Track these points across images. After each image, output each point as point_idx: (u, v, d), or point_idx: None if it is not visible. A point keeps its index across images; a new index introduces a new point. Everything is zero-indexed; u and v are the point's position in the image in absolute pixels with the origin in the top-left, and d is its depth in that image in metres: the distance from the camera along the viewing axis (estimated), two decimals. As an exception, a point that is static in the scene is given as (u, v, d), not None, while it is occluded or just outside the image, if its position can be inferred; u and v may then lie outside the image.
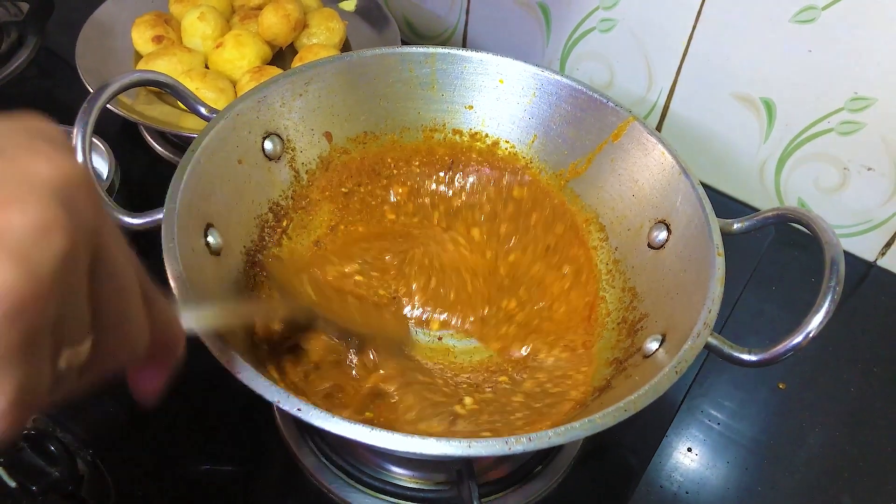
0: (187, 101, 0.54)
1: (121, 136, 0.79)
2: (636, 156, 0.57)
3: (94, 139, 0.65)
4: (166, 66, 0.73)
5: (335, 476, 0.53)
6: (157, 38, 0.77)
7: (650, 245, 0.55)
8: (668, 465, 0.57)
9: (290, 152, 0.58)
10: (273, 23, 0.78)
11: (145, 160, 0.77)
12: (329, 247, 0.60)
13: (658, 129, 0.80)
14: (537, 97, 0.61)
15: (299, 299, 0.52)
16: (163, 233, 0.43)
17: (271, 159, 0.57)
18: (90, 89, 0.70)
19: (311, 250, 0.60)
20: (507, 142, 0.64)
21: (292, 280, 0.53)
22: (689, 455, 0.58)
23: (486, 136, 0.64)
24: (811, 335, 0.42)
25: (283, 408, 0.37)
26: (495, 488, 0.53)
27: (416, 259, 0.60)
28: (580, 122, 0.60)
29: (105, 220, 0.23)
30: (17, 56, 0.87)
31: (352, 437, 0.36)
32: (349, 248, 0.60)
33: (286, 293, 0.53)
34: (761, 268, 0.73)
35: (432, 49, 0.61)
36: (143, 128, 0.79)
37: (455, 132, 0.64)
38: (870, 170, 0.69)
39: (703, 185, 0.52)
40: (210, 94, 0.70)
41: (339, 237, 0.61)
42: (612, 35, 0.78)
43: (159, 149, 0.78)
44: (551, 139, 0.62)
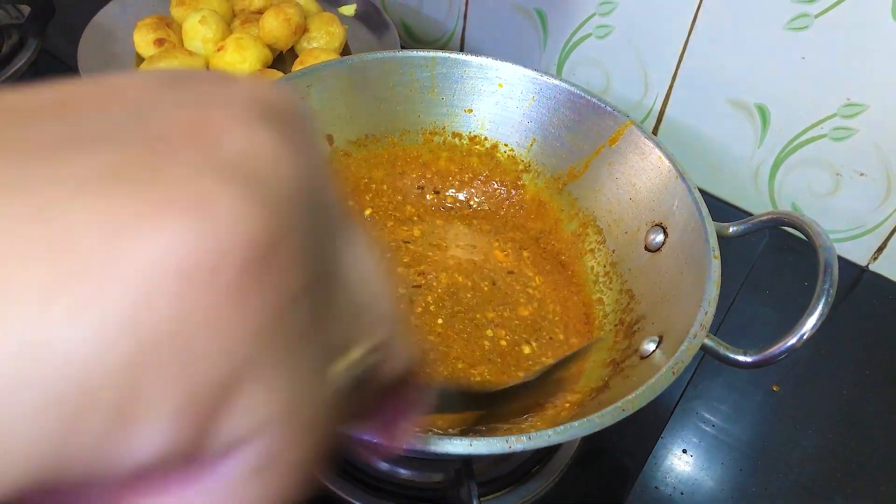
0: (190, 104, 0.55)
1: (121, 138, 0.80)
2: (633, 160, 0.58)
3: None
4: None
5: (335, 475, 0.53)
6: (159, 42, 0.78)
7: (647, 248, 0.55)
8: (663, 467, 0.58)
9: (292, 155, 0.59)
10: (274, 27, 0.78)
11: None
12: None
13: (654, 134, 0.81)
14: (536, 101, 0.62)
15: None
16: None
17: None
18: (92, 92, 0.71)
19: None
20: (505, 145, 0.65)
21: None
22: (683, 457, 0.59)
23: (486, 139, 0.65)
24: (805, 337, 0.42)
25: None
26: (494, 488, 0.54)
27: (418, 264, 0.60)
28: (578, 127, 0.61)
29: (325, 161, 0.17)
30: (17, 59, 0.87)
31: (353, 434, 0.36)
32: None
33: None
34: (756, 272, 0.74)
35: (433, 53, 0.62)
36: (143, 130, 0.80)
37: (455, 135, 0.65)
38: (862, 175, 0.70)
39: (699, 190, 0.53)
40: (211, 97, 0.71)
41: None
42: (608, 41, 0.79)
43: (159, 151, 0.78)
44: (549, 143, 0.63)
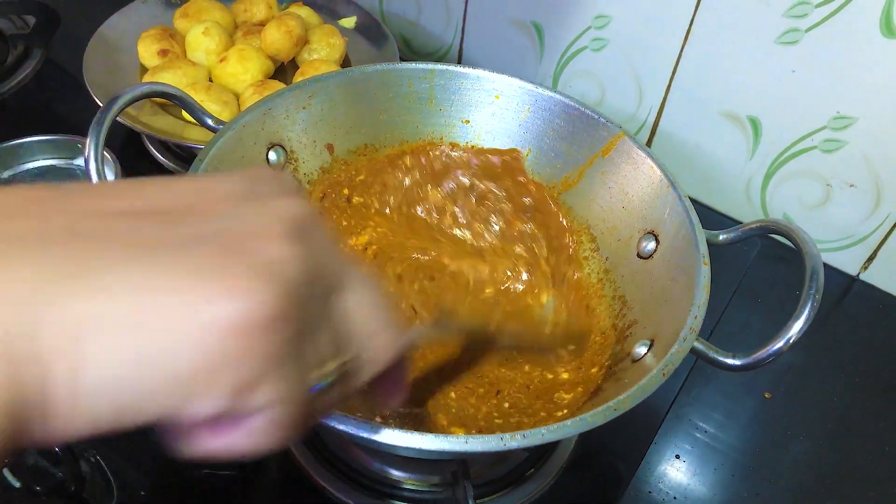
0: (195, 113, 0.56)
1: (125, 146, 0.81)
2: (626, 169, 0.59)
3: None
4: (171, 79, 0.75)
5: (333, 477, 0.54)
6: (163, 52, 0.79)
7: (639, 255, 0.57)
8: (656, 472, 0.59)
9: (294, 163, 0.60)
10: (276, 38, 0.80)
11: (149, 171, 0.79)
12: None
13: (648, 145, 0.82)
14: (531, 112, 0.63)
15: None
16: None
17: (275, 169, 0.59)
18: (98, 101, 0.72)
19: None
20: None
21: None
22: (676, 462, 0.59)
23: (482, 149, 0.66)
24: (792, 341, 0.43)
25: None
26: (489, 490, 0.54)
27: (418, 275, 0.61)
28: (572, 137, 0.62)
29: (335, 249, 0.28)
30: (22, 68, 0.88)
31: (354, 434, 0.37)
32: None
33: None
34: (747, 281, 0.75)
35: (431, 65, 0.63)
36: (146, 138, 0.81)
37: (452, 145, 0.66)
38: (852, 186, 0.71)
39: (692, 201, 0.54)
40: (214, 107, 0.72)
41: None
42: (603, 54, 0.80)
43: (162, 159, 0.79)
44: (544, 153, 0.64)
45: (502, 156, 0.65)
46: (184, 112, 0.69)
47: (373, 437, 0.37)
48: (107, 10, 0.85)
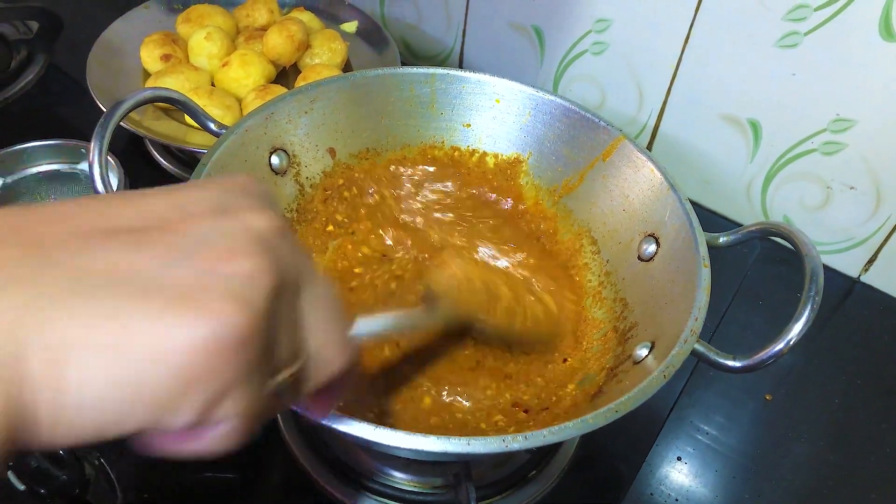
0: (198, 117, 0.56)
1: (128, 151, 0.81)
2: (626, 173, 0.59)
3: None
4: (174, 84, 0.75)
5: (337, 480, 0.54)
6: (165, 57, 0.80)
7: (640, 257, 0.57)
8: (657, 474, 0.59)
9: (296, 167, 0.60)
10: (277, 43, 0.80)
11: (152, 175, 0.79)
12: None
13: (648, 148, 0.82)
14: (532, 116, 0.63)
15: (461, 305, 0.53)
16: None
17: (277, 174, 0.59)
18: (101, 106, 0.72)
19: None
20: (503, 158, 0.66)
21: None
22: (677, 464, 0.60)
23: (484, 153, 0.66)
24: (792, 342, 0.44)
25: (292, 407, 0.38)
26: (491, 492, 0.55)
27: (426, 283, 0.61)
28: (573, 141, 0.62)
29: (303, 261, 0.28)
30: (26, 73, 0.89)
31: (357, 436, 0.38)
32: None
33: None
34: (747, 283, 0.75)
35: (432, 70, 0.63)
36: (149, 143, 0.81)
37: (453, 149, 0.66)
38: (852, 189, 0.72)
39: (692, 203, 0.54)
40: (216, 111, 0.73)
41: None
42: (603, 57, 0.80)
43: (165, 163, 0.80)
44: (545, 156, 0.64)
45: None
46: (187, 116, 0.70)
47: (375, 438, 0.37)
48: (110, 15, 0.85)
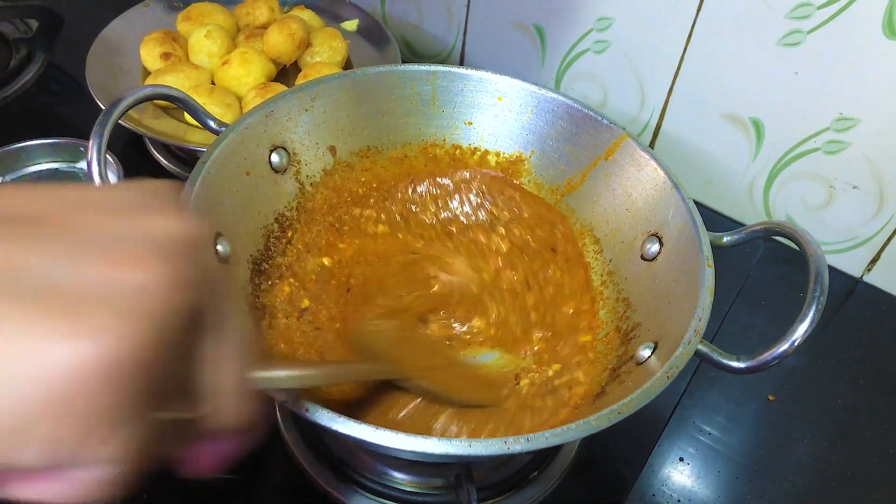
0: (197, 115, 0.56)
1: (127, 149, 0.81)
2: (629, 171, 0.59)
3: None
4: (174, 82, 0.75)
5: (338, 481, 0.54)
6: (165, 55, 0.79)
7: (643, 257, 0.56)
8: (660, 475, 0.58)
9: (296, 165, 0.60)
10: (278, 41, 0.80)
11: (151, 173, 0.79)
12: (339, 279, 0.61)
13: (651, 147, 0.82)
14: (534, 114, 0.63)
15: (379, 363, 0.51)
16: (174, 241, 0.45)
17: (278, 172, 0.59)
18: (100, 105, 0.72)
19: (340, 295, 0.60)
20: (504, 156, 0.66)
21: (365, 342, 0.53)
22: (680, 465, 0.59)
23: (486, 151, 0.66)
24: (797, 343, 0.43)
25: (292, 408, 0.38)
26: (493, 493, 0.54)
27: (428, 284, 0.61)
28: (576, 139, 0.62)
29: (216, 280, 0.24)
30: (25, 72, 0.89)
31: (357, 437, 0.37)
32: (371, 287, 0.60)
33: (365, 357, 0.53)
34: (750, 283, 0.75)
35: (434, 67, 0.63)
36: (148, 141, 0.81)
37: (455, 147, 0.66)
38: (855, 188, 0.71)
39: (695, 203, 0.54)
40: (217, 110, 0.72)
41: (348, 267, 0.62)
42: (605, 56, 0.80)
43: (164, 162, 0.80)
44: (548, 155, 0.64)
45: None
46: (186, 115, 0.70)
47: (375, 440, 0.37)
48: (109, 13, 0.85)
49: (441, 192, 0.66)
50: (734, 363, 0.45)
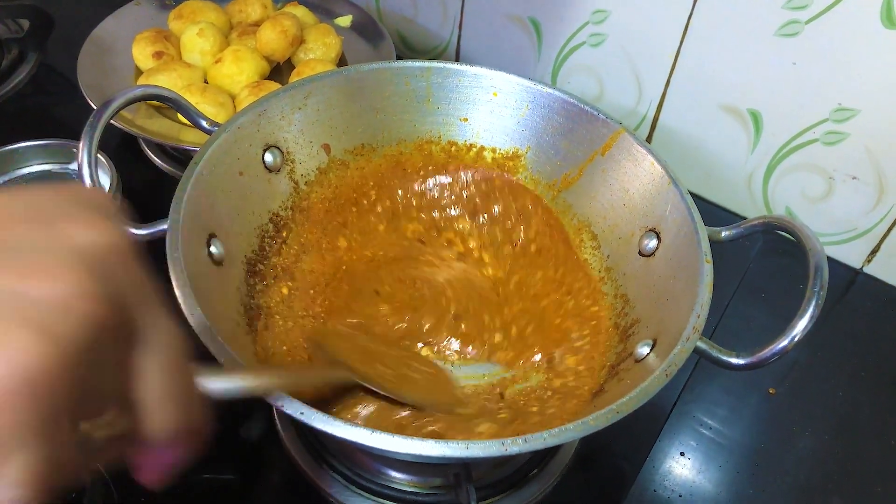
0: (189, 115, 0.56)
1: (121, 149, 0.80)
2: (626, 166, 0.58)
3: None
4: (166, 81, 0.74)
5: (335, 481, 0.54)
6: (158, 54, 0.79)
7: (641, 253, 0.56)
8: (660, 470, 0.58)
9: (290, 164, 0.60)
10: (271, 38, 0.79)
11: (145, 173, 0.79)
12: (333, 285, 0.60)
13: (648, 141, 0.82)
14: (530, 110, 0.63)
15: (339, 368, 0.51)
16: (168, 243, 0.44)
17: (271, 171, 0.58)
18: (92, 105, 0.72)
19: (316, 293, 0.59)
20: (501, 153, 0.65)
21: (330, 345, 0.52)
22: (681, 460, 0.59)
23: (482, 147, 0.65)
24: (797, 339, 0.43)
25: (286, 411, 0.38)
26: (492, 492, 0.54)
27: (423, 285, 0.60)
28: (572, 134, 0.61)
29: (144, 291, 0.23)
30: (17, 72, 0.88)
31: (354, 440, 0.37)
32: (356, 289, 0.60)
33: (325, 358, 0.52)
34: (749, 276, 0.74)
35: (428, 63, 0.63)
36: (142, 141, 0.80)
37: (450, 144, 0.65)
38: (854, 179, 0.71)
39: (693, 196, 0.54)
40: (210, 109, 0.72)
41: (339, 267, 0.61)
42: (602, 49, 0.79)
43: (158, 162, 0.79)
44: (544, 150, 0.64)
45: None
46: (179, 114, 0.69)
47: (371, 443, 0.37)
48: (101, 12, 0.84)
49: (437, 191, 0.66)
50: (734, 360, 0.45)
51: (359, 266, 0.61)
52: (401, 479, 0.54)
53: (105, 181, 0.67)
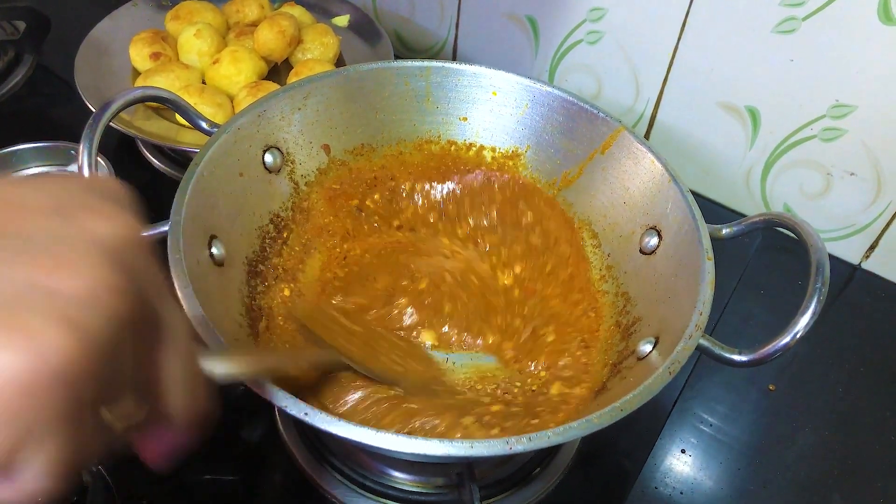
0: (189, 116, 0.55)
1: (119, 151, 0.80)
2: (626, 164, 0.58)
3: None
4: (164, 83, 0.74)
5: (337, 481, 0.54)
6: (155, 55, 0.79)
7: (642, 251, 0.56)
8: (662, 467, 0.58)
9: (290, 165, 0.59)
10: (268, 39, 0.79)
11: (143, 175, 0.78)
12: (334, 274, 0.60)
13: (646, 138, 0.82)
14: (530, 108, 0.63)
15: (325, 346, 0.51)
16: (169, 244, 0.44)
17: (272, 172, 0.58)
18: (90, 107, 0.71)
19: (319, 284, 0.59)
20: (501, 152, 0.65)
21: (316, 327, 0.52)
22: (682, 457, 0.59)
23: (481, 146, 0.65)
24: (798, 335, 0.43)
25: (291, 412, 0.38)
26: (495, 491, 0.54)
27: (423, 279, 0.60)
28: (572, 133, 0.61)
29: (159, 283, 0.24)
30: (13, 74, 0.88)
31: (357, 440, 0.37)
32: (355, 276, 0.60)
33: (310, 339, 0.52)
34: (749, 273, 0.74)
35: (427, 63, 0.63)
36: (140, 143, 0.80)
37: (450, 143, 0.65)
38: (852, 175, 0.71)
39: (692, 193, 0.54)
40: (208, 110, 0.72)
41: (342, 259, 0.61)
42: (599, 47, 0.79)
43: (157, 163, 0.79)
44: (544, 149, 0.64)
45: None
46: (178, 115, 0.69)
47: (375, 443, 0.37)
48: (97, 13, 0.84)
49: (436, 189, 0.66)
50: (736, 357, 0.45)
51: (358, 259, 0.61)
52: (404, 479, 0.54)
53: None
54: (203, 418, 0.28)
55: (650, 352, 0.48)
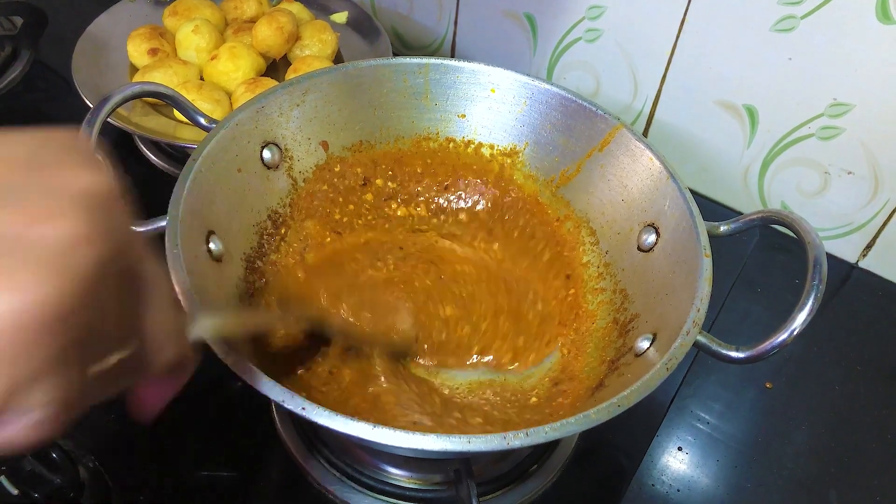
0: (187, 112, 0.55)
1: (116, 147, 0.80)
2: (625, 162, 0.58)
3: (91, 150, 0.66)
4: (162, 79, 0.74)
5: (335, 478, 0.54)
6: (153, 51, 0.78)
7: (640, 248, 0.56)
8: (659, 465, 0.58)
9: (288, 161, 0.59)
10: (267, 35, 0.79)
11: (141, 171, 0.78)
12: (323, 270, 0.60)
13: (644, 136, 0.82)
14: (528, 106, 0.63)
15: (305, 307, 0.52)
16: (167, 239, 0.44)
17: (270, 168, 0.58)
18: (88, 103, 0.71)
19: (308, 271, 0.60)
20: (499, 149, 0.65)
21: (299, 289, 0.53)
22: (679, 455, 0.59)
23: (479, 144, 0.65)
24: (796, 332, 0.43)
25: (288, 407, 0.38)
26: (492, 487, 0.54)
27: (418, 278, 0.60)
28: (570, 130, 0.61)
29: (135, 233, 0.25)
30: (10, 70, 0.87)
31: (354, 435, 0.37)
32: (349, 273, 0.60)
33: (292, 301, 0.53)
34: (746, 270, 0.75)
35: (426, 60, 0.62)
36: (138, 139, 0.80)
37: (448, 140, 0.65)
38: (850, 173, 0.71)
39: (689, 190, 0.54)
40: (206, 106, 0.72)
41: (333, 254, 0.62)
42: (597, 45, 0.79)
43: (154, 159, 0.79)
44: (542, 146, 0.64)
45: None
46: (176, 111, 0.69)
47: (372, 437, 0.37)
48: (95, 9, 0.84)
49: (436, 189, 0.66)
50: (733, 353, 0.45)
51: (351, 253, 0.62)
52: (401, 476, 0.54)
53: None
54: (185, 368, 0.30)
55: (648, 348, 0.48)
